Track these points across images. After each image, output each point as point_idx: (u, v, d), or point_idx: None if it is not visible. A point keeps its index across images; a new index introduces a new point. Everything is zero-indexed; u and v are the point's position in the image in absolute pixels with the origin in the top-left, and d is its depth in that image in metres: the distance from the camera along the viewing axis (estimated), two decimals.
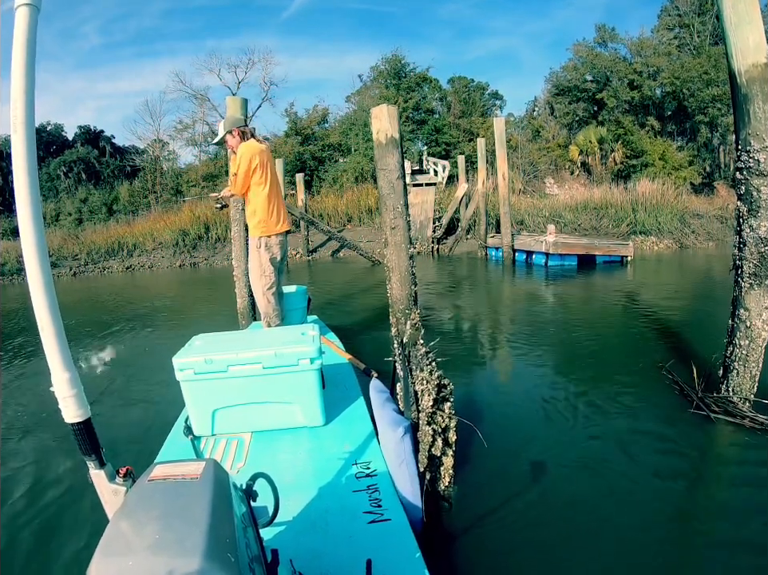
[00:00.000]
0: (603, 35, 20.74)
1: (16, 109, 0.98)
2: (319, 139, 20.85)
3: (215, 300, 7.68)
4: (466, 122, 21.32)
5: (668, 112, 19.86)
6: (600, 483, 2.22)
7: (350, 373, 2.86)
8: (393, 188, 2.45)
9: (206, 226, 14.73)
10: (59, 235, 15.27)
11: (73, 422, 1.06)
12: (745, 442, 2.50)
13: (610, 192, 14.56)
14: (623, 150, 18.10)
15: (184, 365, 2.01)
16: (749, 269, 2.60)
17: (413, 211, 13.39)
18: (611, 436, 2.66)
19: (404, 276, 2.47)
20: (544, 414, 2.97)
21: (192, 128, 23.15)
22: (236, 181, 3.07)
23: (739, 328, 2.67)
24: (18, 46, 0.99)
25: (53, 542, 1.97)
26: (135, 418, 3.18)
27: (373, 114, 2.50)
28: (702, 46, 19.49)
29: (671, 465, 2.35)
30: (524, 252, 10.14)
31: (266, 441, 2.09)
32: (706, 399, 2.84)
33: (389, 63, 21.52)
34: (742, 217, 2.61)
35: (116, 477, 1.10)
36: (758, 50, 2.45)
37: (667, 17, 21.12)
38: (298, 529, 1.52)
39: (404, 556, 1.41)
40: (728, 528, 1.91)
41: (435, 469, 2.03)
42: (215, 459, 1.01)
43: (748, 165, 2.53)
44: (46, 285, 1.01)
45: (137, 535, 0.78)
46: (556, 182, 18.26)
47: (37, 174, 1.03)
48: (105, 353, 4.94)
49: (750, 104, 2.49)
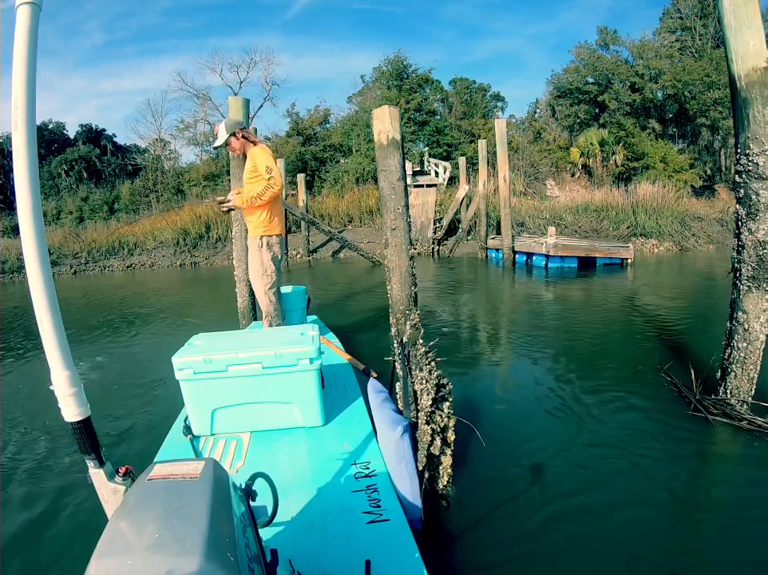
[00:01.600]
0: (605, 37, 20.78)
1: (17, 107, 0.98)
2: (321, 139, 20.86)
3: (216, 300, 7.69)
4: (467, 124, 21.33)
5: (669, 114, 19.87)
6: (598, 483, 2.22)
7: (349, 373, 2.86)
8: (394, 189, 2.46)
9: (207, 225, 14.73)
10: (60, 234, 15.25)
11: (72, 420, 1.06)
12: (743, 444, 2.51)
13: (611, 195, 14.57)
14: (624, 152, 18.11)
15: (184, 364, 2.01)
16: (747, 272, 2.60)
17: (413, 212, 13.41)
18: (609, 437, 2.67)
19: (404, 277, 2.48)
20: (542, 414, 2.97)
21: (193, 128, 23.20)
22: (276, 179, 3.01)
23: (737, 331, 2.68)
24: (19, 45, 0.99)
25: (51, 542, 1.97)
26: (134, 417, 3.18)
27: (374, 115, 2.51)
28: (704, 49, 19.51)
29: (669, 467, 2.35)
30: (524, 254, 10.15)
31: (265, 441, 2.09)
32: (705, 401, 2.84)
33: (392, 64, 21.56)
34: (741, 220, 2.61)
35: (115, 477, 1.10)
36: (758, 55, 2.46)
37: (668, 20, 21.15)
38: (297, 529, 1.53)
39: (403, 556, 1.41)
40: (726, 530, 1.92)
41: (434, 468, 2.03)
42: (214, 459, 1.01)
43: (747, 169, 2.54)
44: (46, 283, 1.01)
45: (136, 534, 0.79)
46: (556, 184, 18.27)
47: (38, 172, 1.03)
48: (105, 352, 4.94)
49: (749, 107, 2.49)
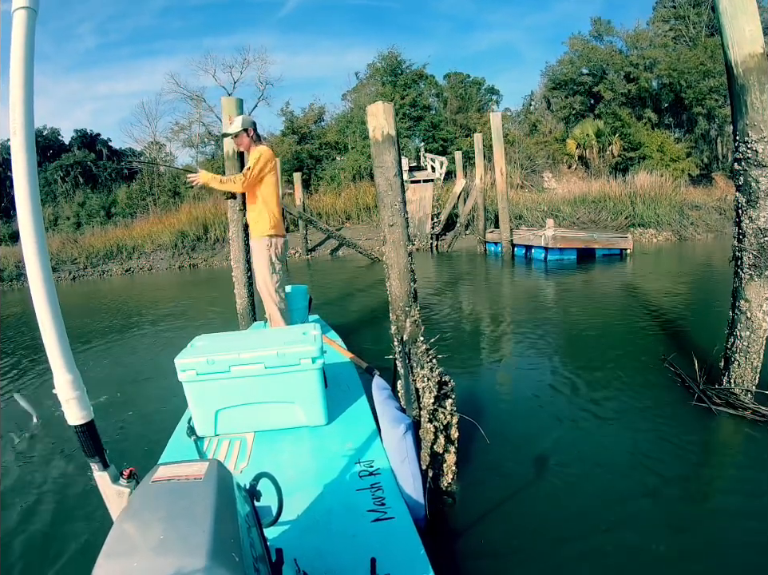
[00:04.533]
0: (599, 28, 20.69)
1: (15, 112, 0.98)
2: (316, 137, 20.80)
3: (215, 301, 7.68)
4: (463, 118, 21.26)
5: (665, 104, 19.82)
6: (603, 477, 2.22)
7: (352, 372, 2.86)
8: (390, 186, 2.44)
9: (204, 227, 14.71)
10: (58, 240, 15.21)
11: (76, 424, 1.06)
12: (746, 434, 2.51)
13: (608, 185, 14.54)
14: (620, 143, 18.07)
15: (186, 366, 2.01)
16: (749, 260, 2.60)
17: (411, 207, 13.38)
18: (613, 429, 2.67)
19: (403, 273, 2.47)
20: (545, 409, 2.97)
21: (188, 130, 23.14)
22: (250, 176, 3.15)
23: (740, 319, 2.67)
24: (16, 50, 0.98)
25: (57, 544, 1.97)
26: (138, 420, 3.18)
27: (369, 111, 2.49)
28: (698, 37, 19.44)
29: (674, 459, 2.35)
30: (523, 247, 10.14)
31: (269, 441, 2.09)
32: (708, 391, 2.84)
33: (386, 60, 21.48)
34: (741, 208, 2.60)
35: (119, 479, 1.10)
36: (754, 41, 2.44)
37: (662, 9, 21.05)
38: (302, 528, 1.53)
39: (408, 554, 1.41)
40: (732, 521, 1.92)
41: (438, 466, 2.03)
42: (218, 460, 1.01)
43: (746, 156, 2.53)
44: (48, 288, 1.01)
45: (142, 536, 0.79)
46: (553, 176, 18.24)
47: (37, 178, 1.03)
48: (107, 355, 4.94)
49: (746, 94, 2.48)
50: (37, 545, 1.98)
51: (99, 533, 1.91)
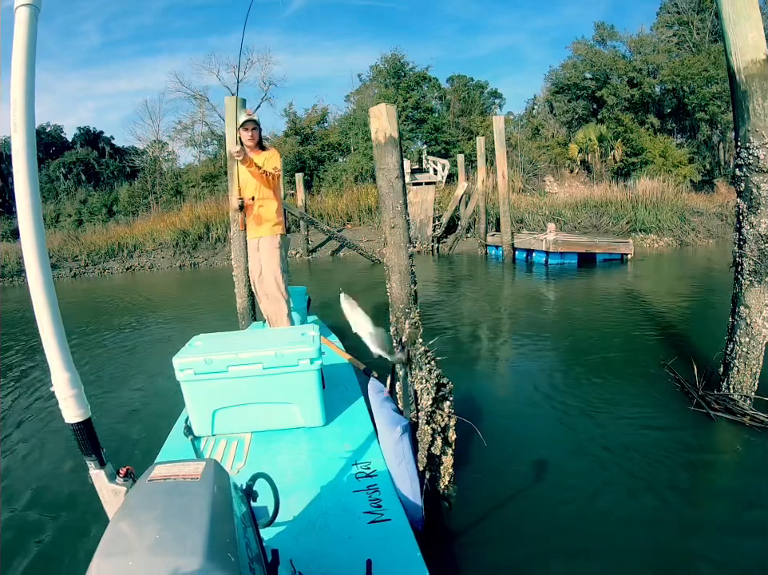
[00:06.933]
0: (602, 33, 20.73)
1: (16, 109, 0.98)
2: (319, 138, 20.82)
3: (215, 300, 7.68)
4: (465, 121, 21.31)
5: (668, 109, 19.84)
6: (601, 481, 2.22)
7: (350, 373, 2.86)
8: (392, 188, 2.45)
9: (206, 226, 14.71)
10: (59, 237, 15.23)
11: (73, 422, 1.06)
12: (744, 439, 2.50)
13: (610, 190, 14.56)
14: (622, 148, 18.09)
15: (184, 365, 2.01)
16: (749, 266, 2.60)
17: (412, 210, 13.39)
18: (611, 434, 2.66)
19: (403, 275, 2.47)
20: (544, 412, 2.97)
21: (191, 129, 23.15)
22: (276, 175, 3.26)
23: (740, 325, 2.67)
24: (18, 47, 0.98)
25: (52, 543, 1.97)
26: (135, 418, 3.18)
27: (371, 113, 2.50)
28: (702, 43, 19.47)
29: (672, 464, 2.34)
30: (524, 251, 10.14)
31: (266, 441, 2.09)
32: (707, 397, 2.84)
33: (389, 62, 21.54)
34: (742, 214, 2.60)
35: (116, 478, 1.10)
36: (757, 47, 2.45)
37: (666, 15, 21.10)
38: (298, 529, 1.53)
39: (404, 556, 1.41)
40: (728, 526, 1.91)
41: (435, 468, 2.03)
42: (215, 459, 1.01)
43: (748, 162, 2.53)
44: (46, 286, 1.01)
45: (137, 535, 0.78)
46: (555, 180, 18.24)
47: (38, 174, 1.03)
48: (105, 354, 4.94)
49: (749, 101, 2.48)
50: (32, 543, 1.98)
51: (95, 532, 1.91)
